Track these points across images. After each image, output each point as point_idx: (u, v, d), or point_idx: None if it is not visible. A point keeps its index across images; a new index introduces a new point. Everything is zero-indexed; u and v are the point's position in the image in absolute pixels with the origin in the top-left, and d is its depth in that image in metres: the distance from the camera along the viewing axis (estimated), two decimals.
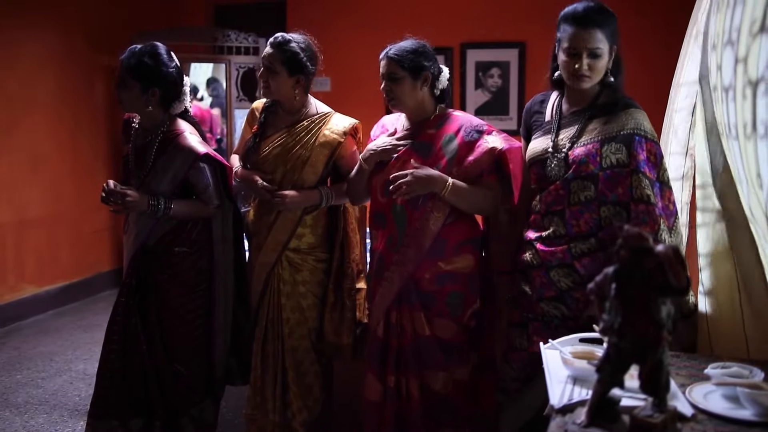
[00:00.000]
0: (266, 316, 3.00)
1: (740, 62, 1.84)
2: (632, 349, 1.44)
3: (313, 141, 2.94)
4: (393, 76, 2.64)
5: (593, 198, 2.35)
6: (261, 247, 3.01)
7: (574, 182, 2.38)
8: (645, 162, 2.32)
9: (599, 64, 2.36)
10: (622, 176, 2.32)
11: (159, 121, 2.94)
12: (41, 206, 5.50)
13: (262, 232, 3.01)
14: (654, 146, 2.36)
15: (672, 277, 1.35)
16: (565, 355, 1.88)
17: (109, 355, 3.00)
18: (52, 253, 5.66)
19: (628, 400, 1.57)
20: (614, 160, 2.33)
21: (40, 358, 4.56)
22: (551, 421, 1.62)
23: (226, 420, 3.52)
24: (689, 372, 1.87)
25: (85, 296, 5.86)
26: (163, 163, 2.91)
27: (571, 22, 2.36)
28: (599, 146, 2.36)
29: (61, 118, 5.59)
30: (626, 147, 2.32)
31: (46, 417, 3.71)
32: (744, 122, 1.83)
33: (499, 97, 6.22)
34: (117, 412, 2.93)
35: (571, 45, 2.35)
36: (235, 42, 6.38)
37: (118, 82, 2.90)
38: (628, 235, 1.41)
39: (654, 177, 2.34)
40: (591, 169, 2.35)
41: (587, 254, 2.37)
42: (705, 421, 1.57)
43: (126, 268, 3.01)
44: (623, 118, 2.37)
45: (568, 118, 2.49)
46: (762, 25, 1.72)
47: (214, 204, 2.98)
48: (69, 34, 5.68)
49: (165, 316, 2.96)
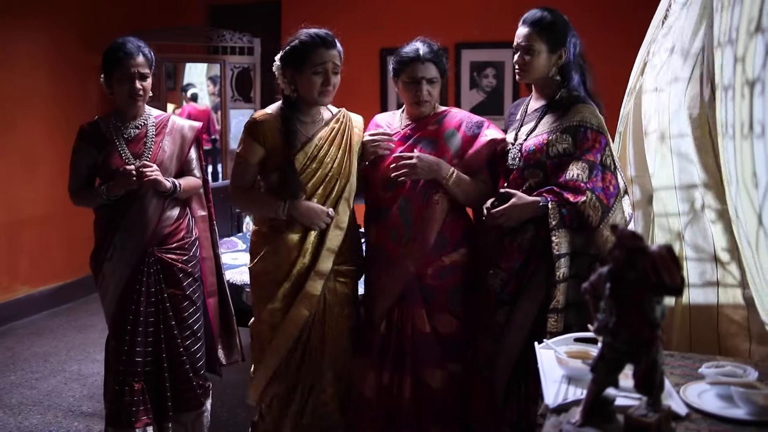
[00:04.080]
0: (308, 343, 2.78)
1: (739, 61, 1.86)
2: (627, 349, 1.44)
3: (351, 144, 2.77)
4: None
5: (541, 184, 2.58)
6: (299, 276, 2.72)
7: (527, 170, 2.63)
8: (588, 149, 2.55)
9: (535, 62, 2.61)
10: (568, 164, 2.55)
11: (144, 110, 3.03)
12: (35, 206, 5.49)
13: (300, 260, 2.73)
14: (598, 135, 2.57)
15: (666, 276, 1.35)
16: (560, 354, 1.88)
17: (119, 355, 2.98)
18: (46, 253, 5.65)
19: (622, 399, 1.58)
20: (560, 149, 2.57)
21: (34, 359, 4.55)
22: (546, 420, 1.62)
23: (221, 420, 3.52)
24: (683, 371, 1.88)
25: (79, 297, 5.85)
26: (168, 144, 3.01)
27: (520, 24, 2.66)
28: (547, 137, 2.59)
29: (55, 119, 5.57)
30: (572, 137, 2.56)
31: (40, 418, 3.70)
32: (741, 121, 1.84)
33: (493, 97, 6.22)
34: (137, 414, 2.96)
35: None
36: (229, 42, 6.37)
37: (143, 73, 2.92)
38: (622, 235, 1.41)
39: (597, 161, 2.55)
40: (539, 157, 2.59)
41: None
42: (699, 421, 1.58)
43: (137, 259, 2.96)
44: (573, 111, 2.60)
45: (531, 115, 2.74)
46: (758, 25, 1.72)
47: (199, 176, 3.13)
48: (64, 34, 5.67)
49: (179, 304, 3.04)
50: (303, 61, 2.63)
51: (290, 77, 2.68)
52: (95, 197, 2.96)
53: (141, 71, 2.90)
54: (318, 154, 2.69)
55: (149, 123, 3.02)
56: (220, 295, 3.30)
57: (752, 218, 1.84)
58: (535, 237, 2.57)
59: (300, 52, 2.64)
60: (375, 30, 6.39)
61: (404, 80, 2.76)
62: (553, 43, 2.62)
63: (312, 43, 2.63)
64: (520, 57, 2.65)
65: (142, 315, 2.96)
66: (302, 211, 2.66)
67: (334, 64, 2.65)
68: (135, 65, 2.89)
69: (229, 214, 4.69)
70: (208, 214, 3.27)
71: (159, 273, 2.99)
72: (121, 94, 2.93)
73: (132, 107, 2.97)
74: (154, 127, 3.03)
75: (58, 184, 3.05)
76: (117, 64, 2.89)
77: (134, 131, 3.00)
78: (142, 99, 2.96)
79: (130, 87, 2.90)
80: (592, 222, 2.49)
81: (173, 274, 3.02)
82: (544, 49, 2.61)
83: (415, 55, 2.73)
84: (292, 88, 2.69)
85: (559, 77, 2.67)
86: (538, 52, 2.61)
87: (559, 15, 2.66)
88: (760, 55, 1.69)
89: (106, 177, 2.96)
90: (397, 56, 2.78)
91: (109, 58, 2.92)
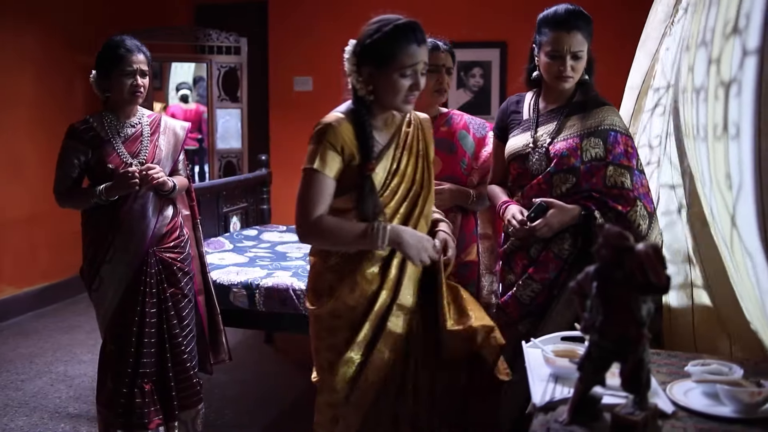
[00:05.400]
0: None
1: (713, 63, 1.87)
2: (613, 348, 1.44)
3: (429, 150, 2.37)
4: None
5: (572, 189, 2.46)
6: (380, 315, 2.23)
7: (556, 175, 2.48)
8: (622, 154, 2.45)
9: (580, 65, 2.45)
10: (598, 168, 2.45)
11: (138, 109, 3.04)
12: (21, 207, 5.45)
13: (381, 295, 2.23)
14: (629, 140, 2.49)
15: (652, 275, 1.36)
16: (547, 353, 1.89)
17: (126, 358, 2.95)
18: (32, 254, 5.61)
19: (609, 398, 1.58)
20: (593, 153, 2.45)
21: (19, 360, 4.52)
22: (534, 419, 1.62)
23: (208, 420, 3.51)
24: (670, 369, 1.88)
25: (65, 297, 5.81)
26: (163, 143, 3.04)
27: (554, 26, 2.43)
28: (579, 141, 2.47)
29: (40, 119, 5.54)
30: (603, 142, 2.45)
31: (26, 420, 3.68)
32: (714, 123, 1.85)
33: (480, 97, 6.24)
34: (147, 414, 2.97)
35: (554, 48, 2.43)
36: (216, 41, 6.36)
37: (144, 71, 2.90)
38: (608, 234, 1.41)
39: (634, 166, 2.46)
40: (573, 162, 2.46)
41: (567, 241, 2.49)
42: (685, 418, 1.58)
43: (139, 259, 2.95)
44: (599, 114, 2.49)
45: (546, 116, 2.58)
46: (735, 27, 1.73)
47: (185, 175, 3.15)
48: (49, 34, 5.63)
49: (179, 302, 3.05)
50: (388, 59, 2.13)
51: (367, 76, 2.17)
52: (89, 198, 2.90)
53: (142, 68, 2.89)
54: (398, 166, 2.25)
55: (144, 122, 3.02)
56: (205, 293, 3.31)
57: (726, 219, 1.85)
58: (572, 246, 2.46)
59: (385, 48, 2.13)
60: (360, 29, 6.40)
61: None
62: (589, 41, 2.46)
63: (402, 39, 2.13)
64: (565, 63, 2.41)
65: (147, 316, 2.95)
66: (409, 241, 2.16)
67: (425, 63, 2.17)
68: (137, 62, 2.87)
69: (216, 214, 4.68)
70: (191, 213, 3.27)
71: (161, 273, 2.99)
72: (121, 91, 2.88)
73: (131, 104, 2.95)
74: (149, 126, 3.02)
75: (43, 185, 3.02)
76: (119, 60, 2.85)
77: (130, 130, 2.97)
78: (142, 96, 2.93)
79: (132, 83, 2.87)
80: (642, 231, 2.41)
81: (173, 273, 3.02)
82: (586, 50, 2.46)
83: (434, 44, 2.72)
84: (370, 88, 2.18)
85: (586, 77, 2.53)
86: (584, 54, 2.45)
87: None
88: (737, 57, 1.70)
89: (100, 177, 2.91)
90: None
91: (108, 55, 2.88)
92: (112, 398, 2.95)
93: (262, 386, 4.13)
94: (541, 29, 2.47)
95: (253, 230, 4.91)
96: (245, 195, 5.09)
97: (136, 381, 2.94)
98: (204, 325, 3.29)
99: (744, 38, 1.68)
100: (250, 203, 5.14)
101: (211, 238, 4.42)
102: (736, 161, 1.73)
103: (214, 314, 3.35)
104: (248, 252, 4.26)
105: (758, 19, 1.60)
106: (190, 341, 3.10)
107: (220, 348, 3.36)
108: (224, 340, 3.38)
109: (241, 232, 4.81)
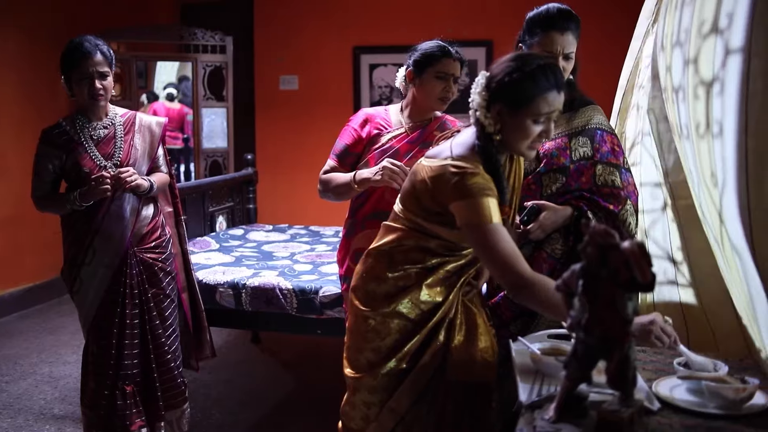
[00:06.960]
0: None
1: (690, 63, 1.87)
2: (599, 345, 1.45)
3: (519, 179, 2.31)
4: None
5: (561, 189, 2.46)
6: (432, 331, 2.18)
7: (546, 175, 2.48)
8: (609, 152, 2.46)
9: (570, 66, 2.44)
10: (586, 167, 2.45)
11: (109, 109, 2.98)
12: (4, 208, 5.40)
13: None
14: (614, 138, 2.51)
15: (638, 272, 1.36)
16: (533, 351, 1.89)
17: (107, 360, 2.93)
18: (16, 255, 5.56)
19: (596, 395, 1.59)
20: (582, 153, 2.46)
21: (3, 362, 4.48)
22: (520, 417, 1.63)
23: (195, 420, 3.49)
24: (655, 366, 1.89)
25: (49, 298, 5.78)
26: (138, 142, 2.98)
27: (547, 26, 2.39)
28: (568, 140, 2.48)
29: (25, 119, 5.49)
30: (590, 141, 2.46)
31: (10, 422, 3.65)
32: (697, 122, 1.86)
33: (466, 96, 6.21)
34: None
35: (546, 48, 2.38)
36: (201, 40, 6.34)
37: (102, 72, 2.83)
38: (594, 232, 1.42)
39: (621, 164, 2.48)
40: (562, 161, 2.46)
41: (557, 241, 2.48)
42: (671, 415, 1.59)
43: (119, 260, 2.92)
44: (586, 113, 2.51)
45: None
46: (714, 26, 1.74)
47: (166, 171, 3.12)
48: (34, 33, 5.58)
49: (161, 303, 3.03)
50: (524, 103, 1.96)
51: (496, 114, 2.00)
52: (65, 204, 2.85)
53: (100, 70, 2.81)
54: (511, 205, 2.18)
55: (116, 122, 2.96)
56: (189, 290, 3.30)
57: (715, 217, 1.87)
58: (564, 245, 2.46)
59: (524, 90, 1.95)
60: (346, 29, 6.40)
61: (434, 74, 2.67)
62: (577, 42, 2.44)
63: (542, 83, 1.95)
64: (558, 63, 2.32)
65: (127, 317, 2.92)
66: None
67: (560, 112, 2.04)
68: (93, 64, 2.79)
69: (202, 213, 4.66)
70: (174, 210, 3.25)
71: (141, 274, 2.96)
72: (82, 95, 2.84)
73: (95, 107, 2.89)
74: (122, 126, 2.96)
75: (27, 186, 2.98)
76: (75, 65, 2.79)
77: (102, 131, 2.92)
78: (104, 98, 2.87)
79: (90, 87, 2.81)
80: (632, 229, 2.43)
81: (154, 273, 3.00)
82: (574, 50, 2.43)
83: (447, 50, 2.68)
84: (498, 127, 2.01)
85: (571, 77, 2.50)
86: (573, 54, 2.42)
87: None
88: (720, 56, 1.70)
89: (75, 180, 2.87)
90: (421, 50, 2.71)
91: (66, 59, 2.82)
92: (94, 399, 2.93)
93: (249, 386, 4.12)
94: (532, 29, 2.44)
95: (240, 230, 4.89)
96: (231, 194, 5.07)
97: (118, 383, 2.91)
98: (189, 322, 3.27)
99: (726, 37, 1.68)
100: (236, 203, 5.12)
101: (197, 238, 4.40)
102: (720, 159, 1.73)
103: (198, 312, 3.34)
104: (234, 251, 4.25)
105: (742, 17, 1.61)
106: (173, 341, 3.08)
107: (204, 345, 3.36)
108: (209, 337, 3.37)
109: (227, 232, 4.79)
